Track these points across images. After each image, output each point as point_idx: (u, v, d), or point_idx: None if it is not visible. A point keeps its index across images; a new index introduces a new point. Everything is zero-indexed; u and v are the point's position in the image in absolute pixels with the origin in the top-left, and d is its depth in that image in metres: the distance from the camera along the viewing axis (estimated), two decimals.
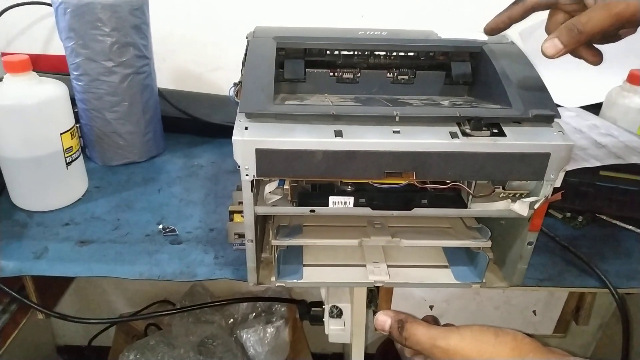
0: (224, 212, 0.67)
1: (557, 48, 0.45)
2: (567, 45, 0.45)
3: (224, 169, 0.84)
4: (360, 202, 0.53)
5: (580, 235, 0.69)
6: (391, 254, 0.61)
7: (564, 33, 0.45)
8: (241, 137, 0.47)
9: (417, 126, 0.49)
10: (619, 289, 0.60)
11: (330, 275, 0.59)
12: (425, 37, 0.63)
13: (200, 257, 0.63)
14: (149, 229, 0.68)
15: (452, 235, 0.60)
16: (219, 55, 1.03)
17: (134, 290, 1.32)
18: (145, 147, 0.85)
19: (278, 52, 0.58)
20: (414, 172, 0.48)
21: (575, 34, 0.44)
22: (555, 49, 0.45)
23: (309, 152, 0.47)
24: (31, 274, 0.62)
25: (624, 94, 0.83)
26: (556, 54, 0.46)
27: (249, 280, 0.57)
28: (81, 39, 0.73)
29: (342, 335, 0.73)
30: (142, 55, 0.78)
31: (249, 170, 0.48)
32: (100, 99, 0.78)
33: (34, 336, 1.23)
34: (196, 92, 0.99)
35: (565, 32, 0.45)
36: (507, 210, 0.54)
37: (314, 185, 0.55)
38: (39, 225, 0.67)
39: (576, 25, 0.44)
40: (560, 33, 0.45)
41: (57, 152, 0.68)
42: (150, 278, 0.60)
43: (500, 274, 0.61)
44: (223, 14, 1.00)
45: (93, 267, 0.61)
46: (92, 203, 0.73)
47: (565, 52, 0.46)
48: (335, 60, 0.62)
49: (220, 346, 1.06)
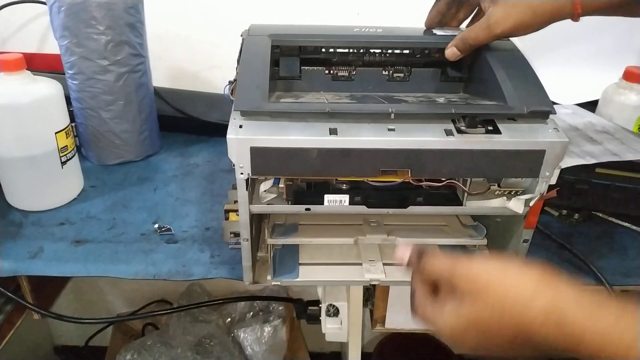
0: (220, 210, 0.67)
1: (455, 55, 0.57)
2: (462, 52, 0.57)
3: (220, 168, 0.84)
4: (356, 200, 0.53)
5: (576, 233, 0.69)
6: (387, 252, 0.61)
7: (460, 44, 0.57)
8: (235, 135, 0.46)
9: (412, 123, 0.49)
10: (614, 286, 0.60)
11: (326, 273, 0.59)
12: (421, 34, 0.63)
13: (196, 256, 0.63)
14: (145, 228, 0.68)
15: (447, 233, 0.60)
16: (215, 53, 1.03)
17: (131, 290, 1.32)
18: (141, 146, 0.84)
19: (273, 50, 0.58)
20: (409, 169, 0.48)
21: (467, 46, 0.57)
22: (455, 55, 0.58)
23: (303, 150, 0.47)
24: (26, 274, 0.61)
25: (620, 91, 0.83)
26: (456, 58, 0.58)
27: (245, 279, 0.57)
28: (76, 37, 0.73)
29: (339, 334, 0.73)
30: (137, 53, 0.78)
31: (243, 169, 0.48)
32: (95, 98, 0.77)
33: (31, 336, 1.23)
34: (192, 91, 0.98)
35: (461, 43, 0.57)
36: (502, 207, 0.54)
37: (309, 183, 0.55)
38: (34, 225, 0.67)
39: (467, 39, 0.56)
40: (457, 43, 0.57)
41: (52, 152, 0.67)
42: (146, 277, 0.60)
43: None
44: (219, 12, 1.00)
45: (89, 267, 0.61)
46: (87, 202, 0.73)
47: (462, 56, 0.58)
48: (331, 57, 0.62)
49: (217, 346, 1.06)
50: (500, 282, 0.39)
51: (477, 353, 0.41)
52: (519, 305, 0.38)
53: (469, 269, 0.41)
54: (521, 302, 0.37)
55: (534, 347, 0.38)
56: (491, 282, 0.39)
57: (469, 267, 0.41)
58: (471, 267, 0.41)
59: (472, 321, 0.40)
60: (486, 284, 0.39)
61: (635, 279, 0.62)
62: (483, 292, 0.39)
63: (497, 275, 0.40)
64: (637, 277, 0.63)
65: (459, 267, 0.41)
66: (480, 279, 0.40)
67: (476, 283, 0.40)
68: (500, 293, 0.39)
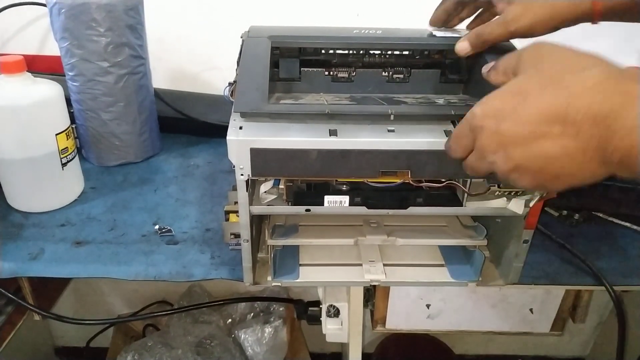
0: (220, 211, 0.67)
1: (466, 50, 0.55)
2: (474, 48, 0.55)
3: (220, 169, 0.84)
4: (356, 201, 0.53)
5: (576, 233, 0.69)
6: (387, 252, 0.61)
7: (473, 38, 0.54)
8: (235, 136, 0.47)
9: (411, 125, 0.49)
10: (615, 286, 0.61)
11: (326, 274, 0.59)
12: (420, 35, 0.63)
13: (196, 257, 0.63)
14: (145, 229, 0.68)
15: (448, 234, 0.60)
16: (215, 54, 1.03)
17: (131, 291, 1.32)
18: (141, 147, 0.84)
19: (273, 52, 0.58)
20: (409, 170, 0.48)
21: (481, 42, 0.54)
22: (465, 50, 0.55)
23: (303, 151, 0.47)
24: (27, 275, 0.61)
25: None
26: (466, 54, 0.55)
27: (245, 280, 0.57)
28: (76, 39, 0.73)
29: (340, 335, 0.73)
30: (137, 55, 0.78)
31: (243, 170, 0.48)
32: (95, 100, 0.77)
33: (32, 337, 1.23)
34: (192, 92, 0.98)
35: (474, 37, 0.54)
36: (502, 208, 0.54)
37: (309, 184, 0.55)
38: (34, 226, 0.67)
39: (482, 34, 0.53)
40: (470, 37, 0.54)
41: (53, 153, 0.68)
42: (147, 278, 0.60)
43: (496, 272, 0.61)
44: (219, 13, 1.00)
45: (89, 268, 0.61)
46: (88, 204, 0.73)
47: (472, 53, 0.55)
48: (331, 59, 0.62)
49: (218, 346, 1.06)
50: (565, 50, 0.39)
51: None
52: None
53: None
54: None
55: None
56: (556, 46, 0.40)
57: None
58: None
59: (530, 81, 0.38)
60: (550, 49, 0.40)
61: (636, 279, 0.62)
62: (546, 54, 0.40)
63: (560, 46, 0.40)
64: (637, 278, 0.63)
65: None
66: (544, 44, 0.41)
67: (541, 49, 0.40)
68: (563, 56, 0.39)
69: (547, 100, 0.36)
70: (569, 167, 0.36)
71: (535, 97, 0.36)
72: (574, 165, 0.36)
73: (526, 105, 0.37)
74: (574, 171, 0.36)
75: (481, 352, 1.42)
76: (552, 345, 1.39)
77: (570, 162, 0.36)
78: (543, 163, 0.37)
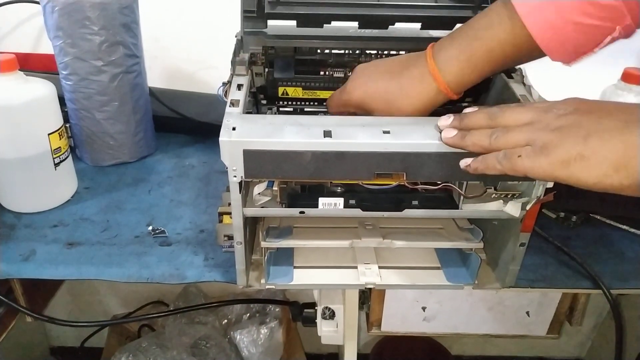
0: (215, 212, 0.67)
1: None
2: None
3: (215, 169, 0.83)
4: (351, 204, 0.52)
5: (573, 235, 0.69)
6: (383, 255, 0.60)
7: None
8: (228, 137, 0.46)
9: (407, 126, 0.48)
10: (612, 289, 0.60)
11: (321, 277, 0.58)
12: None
13: (190, 258, 0.62)
14: (139, 230, 0.67)
15: (444, 236, 0.59)
16: (211, 53, 1.02)
17: (127, 291, 1.31)
18: (136, 147, 0.84)
19: (268, 51, 0.57)
20: (405, 172, 0.48)
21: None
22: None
23: (297, 152, 0.46)
24: (19, 277, 0.61)
25: (619, 92, 0.82)
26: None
27: (239, 283, 0.57)
28: (69, 37, 0.72)
29: (335, 337, 0.72)
30: (131, 54, 0.77)
31: (236, 172, 0.47)
32: (89, 99, 0.77)
33: (26, 338, 1.22)
34: (188, 91, 0.98)
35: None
36: (499, 211, 0.53)
37: (304, 186, 0.54)
38: (27, 227, 0.66)
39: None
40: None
41: (45, 153, 0.67)
42: (139, 281, 0.60)
43: (492, 275, 0.60)
44: (215, 12, 0.99)
45: (81, 270, 0.60)
46: (81, 204, 0.72)
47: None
48: (326, 59, 0.61)
49: (213, 347, 1.06)
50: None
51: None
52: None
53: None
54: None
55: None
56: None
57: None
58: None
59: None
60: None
61: (633, 283, 0.62)
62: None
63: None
64: (635, 281, 0.62)
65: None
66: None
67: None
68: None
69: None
70: None
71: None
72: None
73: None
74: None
75: (478, 353, 1.42)
76: (549, 347, 1.39)
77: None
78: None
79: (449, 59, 0.51)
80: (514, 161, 0.42)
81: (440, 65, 0.51)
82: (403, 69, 0.54)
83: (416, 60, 0.53)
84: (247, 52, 0.59)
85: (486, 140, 0.44)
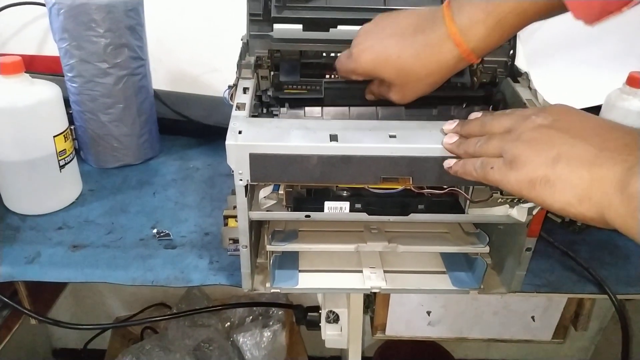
0: (220, 215, 0.66)
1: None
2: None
3: (220, 172, 0.83)
4: (356, 208, 0.52)
5: (579, 240, 0.69)
6: (388, 259, 0.60)
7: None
8: (235, 141, 0.46)
9: (413, 130, 0.48)
10: (618, 294, 0.60)
11: (326, 281, 0.58)
12: None
13: (194, 262, 0.62)
14: (144, 233, 0.67)
15: (449, 241, 0.59)
16: (216, 56, 1.02)
17: (130, 293, 1.31)
18: (141, 149, 0.84)
19: (273, 54, 0.57)
20: (411, 177, 0.48)
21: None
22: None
23: (304, 156, 0.46)
24: (23, 279, 0.61)
25: (624, 96, 0.82)
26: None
27: (244, 287, 0.57)
28: (75, 40, 0.72)
29: (339, 341, 0.72)
30: (137, 56, 0.77)
31: (242, 175, 0.47)
32: (94, 101, 0.77)
33: (29, 339, 1.22)
34: (192, 94, 0.98)
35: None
36: (505, 215, 0.53)
37: (309, 190, 0.54)
38: (31, 229, 0.66)
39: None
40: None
41: (50, 155, 0.67)
42: (144, 284, 0.60)
43: (498, 280, 0.60)
44: (220, 14, 0.99)
45: (86, 273, 0.60)
46: (86, 206, 0.72)
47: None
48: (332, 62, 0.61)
49: (216, 350, 1.05)
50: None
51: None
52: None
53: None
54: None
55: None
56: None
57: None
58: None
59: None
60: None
61: (639, 287, 0.62)
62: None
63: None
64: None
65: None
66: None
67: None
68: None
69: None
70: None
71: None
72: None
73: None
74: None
75: (481, 356, 1.41)
76: (553, 351, 1.38)
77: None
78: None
79: (474, 22, 0.46)
80: (487, 171, 0.41)
81: (463, 29, 0.46)
82: (417, 31, 0.48)
83: (432, 22, 0.47)
84: (253, 55, 0.59)
85: (472, 148, 0.44)
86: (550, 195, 0.37)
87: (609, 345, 1.26)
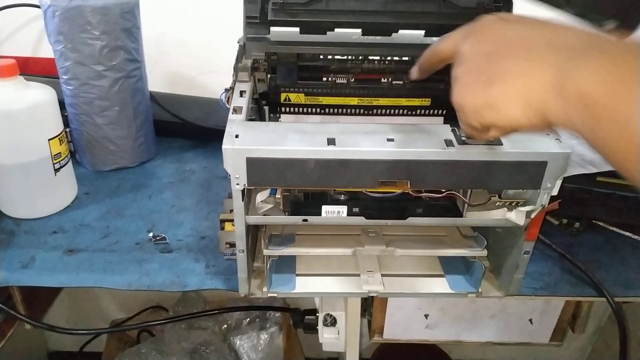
0: (216, 219, 0.66)
1: (414, 76, 0.50)
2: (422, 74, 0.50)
3: (216, 175, 0.83)
4: (354, 212, 0.52)
5: (577, 242, 0.69)
6: (386, 262, 0.60)
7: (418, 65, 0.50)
8: (231, 145, 0.45)
9: (411, 134, 0.48)
10: (615, 297, 0.60)
11: (323, 285, 0.58)
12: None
13: (191, 266, 0.62)
14: (139, 237, 0.66)
15: (447, 244, 0.59)
16: (212, 58, 1.02)
17: (126, 296, 1.30)
18: (137, 152, 0.83)
19: (270, 57, 0.57)
20: (409, 180, 0.47)
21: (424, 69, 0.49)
22: (414, 76, 0.50)
23: (301, 160, 0.46)
24: (18, 284, 0.60)
25: None
26: (414, 79, 0.51)
27: (241, 291, 0.56)
28: (70, 42, 0.72)
29: (336, 344, 0.72)
30: (132, 58, 0.77)
31: (239, 179, 0.47)
32: (90, 104, 0.76)
33: (25, 342, 1.21)
34: (189, 96, 0.97)
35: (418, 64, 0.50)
36: (503, 219, 0.53)
37: (307, 194, 0.54)
38: (26, 234, 0.66)
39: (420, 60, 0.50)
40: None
41: (45, 158, 0.66)
42: (140, 288, 0.59)
43: (496, 283, 0.60)
44: (216, 16, 0.99)
45: (81, 277, 0.60)
46: (81, 210, 0.72)
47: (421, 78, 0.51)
48: (329, 65, 0.61)
49: (213, 353, 1.05)
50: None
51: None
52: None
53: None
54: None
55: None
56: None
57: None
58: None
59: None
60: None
61: (636, 290, 0.62)
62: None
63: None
64: (638, 289, 0.62)
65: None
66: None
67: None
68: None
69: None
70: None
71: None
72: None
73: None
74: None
75: (478, 358, 1.41)
76: (549, 352, 1.38)
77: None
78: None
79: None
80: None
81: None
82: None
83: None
84: (249, 58, 0.59)
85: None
86: (498, 117, 0.37)
87: (606, 346, 1.26)
